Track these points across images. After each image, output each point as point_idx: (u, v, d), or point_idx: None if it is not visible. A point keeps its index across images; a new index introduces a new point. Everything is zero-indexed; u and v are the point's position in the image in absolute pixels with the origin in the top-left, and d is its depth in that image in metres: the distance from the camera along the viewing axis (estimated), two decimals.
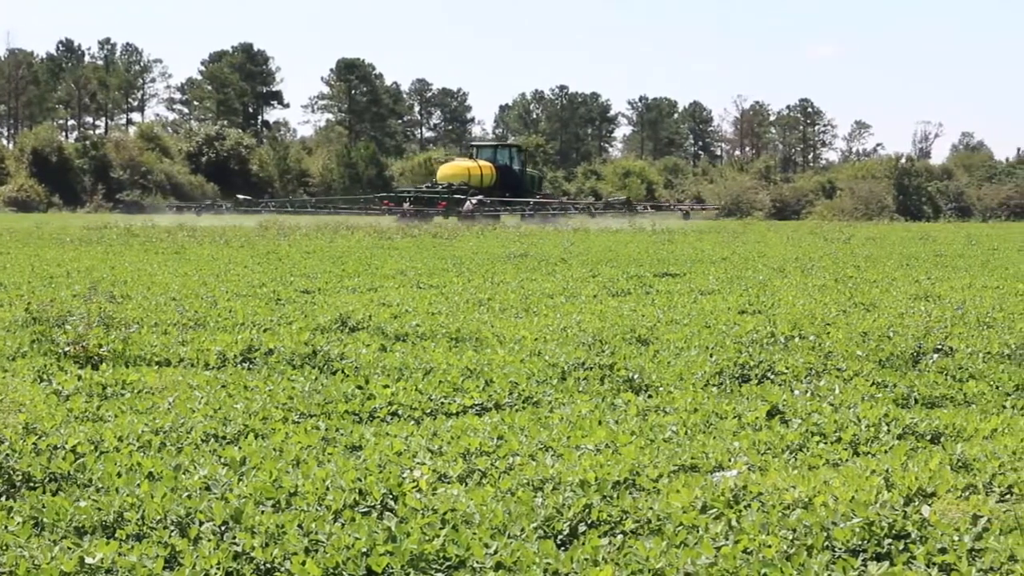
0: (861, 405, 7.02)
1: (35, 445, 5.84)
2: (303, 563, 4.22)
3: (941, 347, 9.13)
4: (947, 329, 10.18)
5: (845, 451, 6.04)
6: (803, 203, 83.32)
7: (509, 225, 43.01)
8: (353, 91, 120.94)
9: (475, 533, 4.54)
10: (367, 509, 4.94)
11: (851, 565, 4.26)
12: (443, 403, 7.19)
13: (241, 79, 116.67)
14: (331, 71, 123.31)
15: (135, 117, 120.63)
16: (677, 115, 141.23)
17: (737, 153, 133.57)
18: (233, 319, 11.02)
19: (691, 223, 48.79)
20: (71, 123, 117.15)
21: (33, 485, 5.29)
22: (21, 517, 4.75)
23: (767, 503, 4.99)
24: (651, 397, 7.49)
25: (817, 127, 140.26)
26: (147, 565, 4.20)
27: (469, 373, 8.08)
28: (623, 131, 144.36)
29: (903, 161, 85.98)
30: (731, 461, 5.76)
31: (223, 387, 7.58)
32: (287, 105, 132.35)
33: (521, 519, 4.70)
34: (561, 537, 4.68)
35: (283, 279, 16.22)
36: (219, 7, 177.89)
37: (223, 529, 4.62)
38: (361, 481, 5.18)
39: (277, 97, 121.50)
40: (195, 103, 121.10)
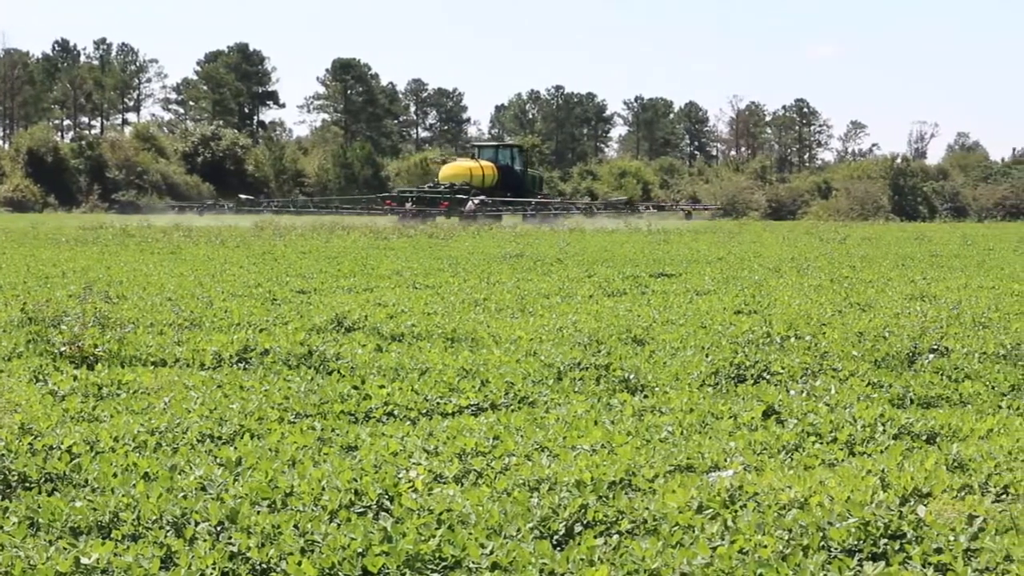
0: (857, 405, 7.02)
1: (31, 445, 5.84)
2: (299, 563, 4.22)
3: (937, 347, 9.14)
4: (943, 329, 10.19)
5: (841, 451, 6.04)
6: (799, 203, 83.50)
7: (506, 225, 43.00)
8: (349, 91, 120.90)
9: (471, 533, 4.54)
10: (363, 509, 4.94)
11: (847, 565, 4.26)
12: (439, 403, 7.19)
13: (237, 79, 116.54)
14: (327, 71, 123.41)
15: (131, 117, 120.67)
16: (673, 115, 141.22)
17: (733, 153, 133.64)
18: (229, 319, 11.01)
19: (687, 223, 48.82)
20: (67, 123, 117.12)
21: (29, 485, 5.29)
22: (17, 517, 4.74)
23: (763, 503, 4.99)
24: (647, 397, 7.49)
25: (813, 127, 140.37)
26: (143, 565, 4.20)
27: (465, 373, 8.08)
28: (619, 131, 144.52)
29: (899, 161, 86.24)
30: (727, 461, 5.76)
31: (219, 387, 7.58)
32: (283, 105, 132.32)
33: (517, 519, 4.70)
34: (557, 537, 4.69)
35: (279, 279, 16.21)
36: (215, 7, 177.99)
37: (219, 529, 4.62)
38: (357, 481, 5.17)
39: (273, 97, 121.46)
40: (191, 103, 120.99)
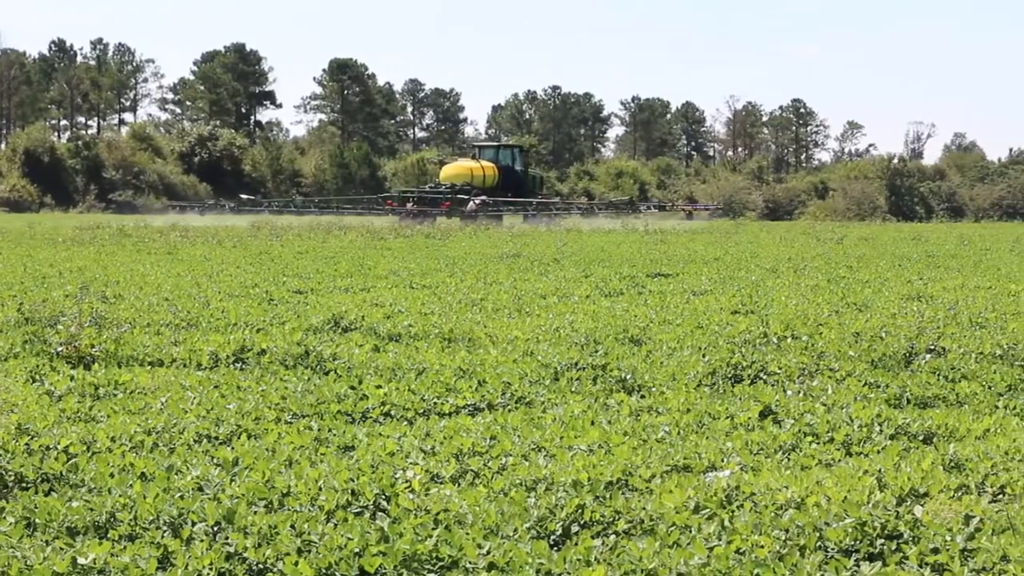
0: (854, 405, 7.02)
1: (27, 445, 5.83)
2: (296, 563, 4.22)
3: (933, 347, 9.15)
4: (939, 329, 10.19)
5: (838, 451, 6.04)
6: (796, 203, 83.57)
7: (505, 225, 43.00)
8: (346, 91, 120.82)
9: (468, 533, 4.54)
10: (360, 509, 4.93)
11: (844, 565, 4.26)
12: (436, 403, 7.19)
13: (233, 79, 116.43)
14: (324, 71, 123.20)
15: (127, 117, 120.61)
16: (670, 115, 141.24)
17: (730, 153, 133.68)
18: (226, 319, 11.00)
19: (684, 223, 48.86)
20: (63, 123, 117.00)
21: (25, 485, 5.28)
22: (13, 517, 4.74)
23: (760, 503, 4.99)
24: (644, 397, 7.49)
25: (809, 127, 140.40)
26: (140, 565, 4.19)
27: (462, 373, 8.08)
28: (616, 131, 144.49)
29: (895, 161, 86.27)
30: (724, 461, 5.76)
31: (216, 387, 7.57)
32: (280, 105, 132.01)
33: (514, 519, 4.70)
34: (554, 537, 4.68)
35: (276, 279, 16.20)
36: (211, 7, 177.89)
37: (216, 529, 4.61)
38: (354, 481, 5.17)
39: (270, 97, 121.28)
40: (187, 103, 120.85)
